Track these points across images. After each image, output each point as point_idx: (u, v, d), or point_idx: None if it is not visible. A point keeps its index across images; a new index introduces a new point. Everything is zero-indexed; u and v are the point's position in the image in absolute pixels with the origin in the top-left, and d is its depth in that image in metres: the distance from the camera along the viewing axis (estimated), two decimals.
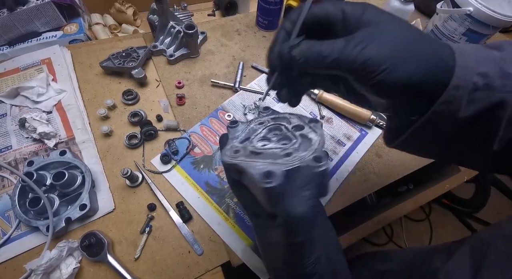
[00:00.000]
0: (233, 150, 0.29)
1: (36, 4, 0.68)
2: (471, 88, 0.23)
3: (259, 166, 0.26)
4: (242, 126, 0.34)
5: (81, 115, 0.56)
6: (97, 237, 0.44)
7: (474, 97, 0.23)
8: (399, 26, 0.24)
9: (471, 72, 0.23)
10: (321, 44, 0.24)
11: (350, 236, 0.57)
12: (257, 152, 0.28)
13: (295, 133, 0.30)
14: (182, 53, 0.65)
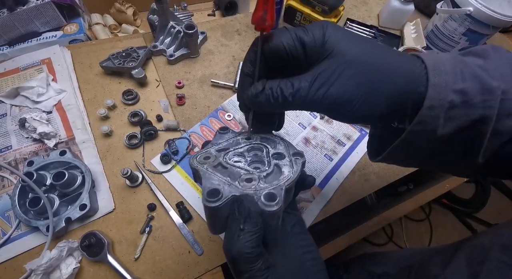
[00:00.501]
0: (204, 155, 0.29)
1: (36, 4, 0.68)
2: (447, 107, 0.22)
3: (213, 181, 0.25)
4: (230, 135, 0.33)
5: (81, 115, 0.56)
6: (97, 237, 0.44)
7: (451, 115, 0.22)
8: (364, 52, 0.23)
9: (446, 90, 0.22)
10: (285, 87, 0.24)
11: (350, 236, 0.57)
12: (224, 166, 0.28)
13: (271, 161, 0.29)
14: (182, 53, 0.65)
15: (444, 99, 0.22)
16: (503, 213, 1.35)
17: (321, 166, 0.56)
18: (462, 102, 0.22)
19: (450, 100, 0.22)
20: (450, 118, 0.22)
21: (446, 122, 0.22)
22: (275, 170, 0.28)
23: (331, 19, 0.69)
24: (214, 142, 0.32)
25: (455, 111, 0.22)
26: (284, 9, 0.74)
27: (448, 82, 0.22)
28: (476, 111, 0.22)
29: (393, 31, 0.81)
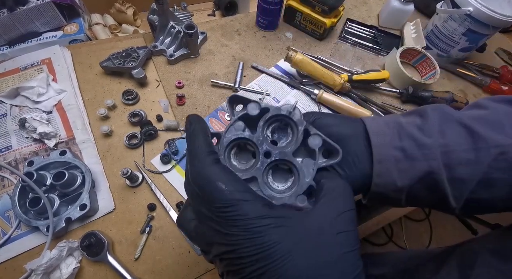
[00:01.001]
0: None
1: (36, 4, 0.68)
2: (393, 161, 0.26)
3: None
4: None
5: (81, 115, 0.56)
6: (97, 237, 0.44)
7: (401, 167, 0.26)
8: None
9: (387, 148, 0.26)
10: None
11: None
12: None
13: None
14: (182, 53, 0.65)
15: (388, 155, 0.26)
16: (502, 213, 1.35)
17: None
18: (404, 157, 0.26)
19: (394, 155, 0.26)
20: (402, 171, 0.26)
21: (400, 174, 0.26)
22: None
23: (331, 19, 0.70)
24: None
25: (403, 164, 0.26)
26: (284, 9, 0.74)
27: (387, 142, 0.27)
28: (421, 163, 0.25)
29: (393, 31, 0.81)
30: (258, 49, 0.71)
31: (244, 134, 0.25)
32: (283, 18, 0.77)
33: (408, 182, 0.26)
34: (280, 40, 0.74)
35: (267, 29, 0.75)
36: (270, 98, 0.64)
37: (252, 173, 0.24)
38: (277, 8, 0.68)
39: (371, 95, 0.68)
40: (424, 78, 0.71)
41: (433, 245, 1.25)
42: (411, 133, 0.27)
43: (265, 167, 0.24)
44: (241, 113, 0.25)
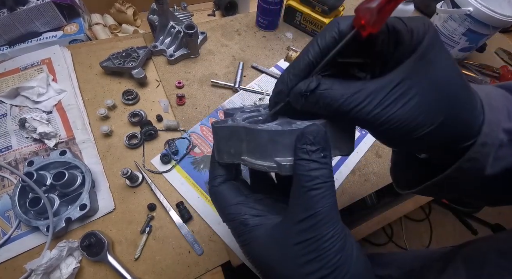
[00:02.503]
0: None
1: (36, 4, 0.68)
2: (497, 145, 0.21)
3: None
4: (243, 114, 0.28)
5: (81, 115, 0.56)
6: (97, 237, 0.44)
7: (500, 154, 0.21)
8: (448, 69, 0.20)
9: (498, 128, 0.21)
10: (345, 90, 0.19)
11: None
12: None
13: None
14: (182, 53, 0.65)
15: (496, 138, 0.21)
16: (503, 213, 1.35)
17: None
18: (509, 141, 0.21)
19: (500, 139, 0.21)
20: (499, 158, 0.21)
21: (494, 162, 0.21)
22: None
23: (331, 19, 0.69)
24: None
25: (503, 150, 0.21)
26: (284, 9, 0.74)
27: (500, 120, 0.21)
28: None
29: None
30: (258, 49, 0.71)
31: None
32: (283, 18, 0.77)
33: (497, 171, 0.22)
34: (280, 40, 0.74)
35: (267, 29, 0.75)
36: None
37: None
38: (277, 8, 0.68)
39: None
40: None
41: (433, 245, 1.25)
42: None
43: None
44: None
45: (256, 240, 0.22)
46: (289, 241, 0.20)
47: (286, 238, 0.20)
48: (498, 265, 0.27)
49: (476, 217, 1.31)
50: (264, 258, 0.21)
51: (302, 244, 0.19)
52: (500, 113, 0.21)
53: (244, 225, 0.22)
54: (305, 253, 0.19)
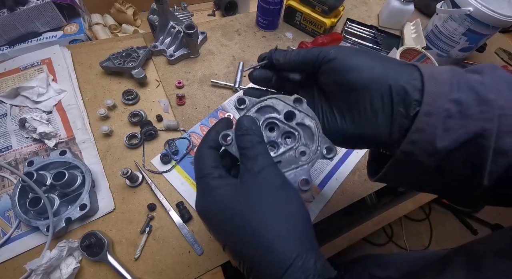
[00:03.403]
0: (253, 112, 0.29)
1: (36, 4, 0.68)
2: (444, 115, 0.22)
3: (289, 176, 0.27)
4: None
5: (81, 115, 0.56)
6: (97, 237, 0.44)
7: (449, 125, 0.22)
8: (365, 52, 0.26)
9: (442, 99, 0.22)
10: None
11: (350, 236, 0.57)
12: (277, 161, 0.28)
13: (293, 126, 0.29)
14: (182, 53, 0.65)
15: (440, 107, 0.22)
16: (503, 213, 1.35)
17: (321, 166, 0.56)
18: (458, 112, 0.22)
19: (446, 108, 0.22)
20: (448, 129, 0.22)
21: (444, 133, 0.22)
22: (303, 129, 0.29)
23: (331, 19, 0.70)
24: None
25: (453, 121, 0.22)
26: (284, 9, 0.74)
27: (444, 91, 0.22)
28: (474, 123, 0.21)
29: (393, 31, 0.81)
30: (258, 49, 0.71)
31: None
32: (283, 18, 0.77)
33: (449, 144, 0.22)
34: (280, 40, 0.74)
35: (267, 29, 0.75)
36: None
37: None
38: (277, 8, 0.68)
39: None
40: None
41: (433, 245, 1.25)
42: (473, 85, 0.22)
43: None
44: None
45: (219, 196, 0.25)
46: (249, 188, 0.25)
47: (247, 187, 0.25)
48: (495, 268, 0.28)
49: (476, 217, 1.31)
50: (226, 212, 0.24)
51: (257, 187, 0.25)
52: (444, 84, 0.23)
53: (211, 179, 0.25)
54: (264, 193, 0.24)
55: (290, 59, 0.29)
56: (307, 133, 0.29)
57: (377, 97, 0.25)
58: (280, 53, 0.30)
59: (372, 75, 0.25)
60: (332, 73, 0.27)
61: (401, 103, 0.24)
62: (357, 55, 0.26)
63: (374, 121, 0.25)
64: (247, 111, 0.30)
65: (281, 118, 0.29)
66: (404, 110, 0.24)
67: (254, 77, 0.32)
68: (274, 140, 0.29)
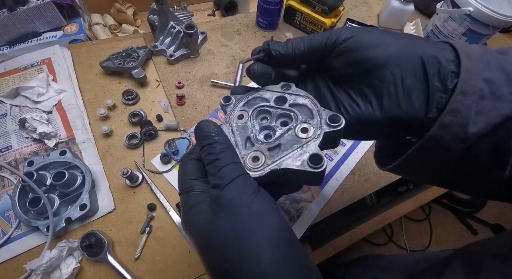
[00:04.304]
0: (250, 158, 0.24)
1: (36, 4, 0.68)
2: (478, 95, 0.20)
3: (296, 157, 0.23)
4: (225, 130, 0.27)
5: (81, 115, 0.56)
6: (97, 237, 0.44)
7: (481, 107, 0.20)
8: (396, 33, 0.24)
9: (476, 77, 0.20)
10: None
11: (350, 236, 0.57)
12: (275, 146, 0.25)
13: (286, 108, 0.26)
14: (182, 53, 0.65)
15: (475, 86, 0.20)
16: (503, 213, 1.35)
17: None
18: (490, 93, 0.20)
19: (480, 88, 0.20)
20: (481, 112, 0.20)
21: (477, 116, 0.20)
22: (298, 108, 0.26)
23: (331, 19, 0.70)
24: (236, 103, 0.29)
25: (485, 103, 0.20)
26: (284, 9, 0.74)
27: (478, 69, 0.20)
28: (505, 105, 0.20)
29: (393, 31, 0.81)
30: None
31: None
32: (283, 18, 0.77)
33: (481, 128, 0.20)
34: (280, 40, 0.74)
35: (267, 29, 0.75)
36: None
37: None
38: (277, 8, 0.68)
39: None
40: None
41: (433, 245, 1.25)
42: (503, 64, 0.21)
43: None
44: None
45: (197, 213, 0.22)
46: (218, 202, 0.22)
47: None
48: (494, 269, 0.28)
49: (476, 217, 1.31)
50: (205, 229, 0.22)
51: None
52: (478, 62, 0.21)
53: (191, 195, 0.24)
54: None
55: (294, 48, 0.26)
56: (303, 111, 0.26)
57: (408, 72, 0.22)
58: (279, 44, 0.26)
59: (398, 48, 0.22)
60: (349, 53, 0.24)
61: (436, 76, 0.21)
62: (374, 31, 0.24)
63: (408, 99, 0.22)
64: (234, 107, 0.28)
65: (271, 104, 0.27)
66: (440, 84, 0.21)
67: (255, 73, 0.27)
68: (268, 125, 0.26)
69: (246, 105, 0.28)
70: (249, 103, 0.28)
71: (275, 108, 0.27)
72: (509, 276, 0.26)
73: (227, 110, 0.28)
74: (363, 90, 0.24)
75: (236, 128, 0.27)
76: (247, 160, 0.24)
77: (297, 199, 0.52)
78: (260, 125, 0.26)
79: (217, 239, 0.21)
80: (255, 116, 0.27)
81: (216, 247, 0.21)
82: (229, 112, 0.28)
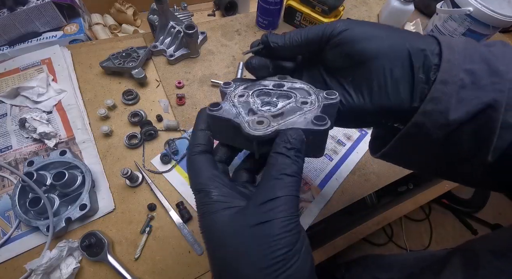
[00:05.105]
0: (255, 122, 0.24)
1: (36, 4, 0.68)
2: (458, 85, 0.21)
3: (300, 119, 0.24)
4: (226, 106, 0.29)
5: (81, 115, 0.56)
6: (97, 237, 0.44)
7: (462, 96, 0.21)
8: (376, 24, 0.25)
9: (457, 68, 0.22)
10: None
11: (350, 236, 0.57)
12: (278, 113, 0.25)
13: (285, 89, 0.28)
14: (182, 53, 0.65)
15: (456, 76, 0.21)
16: (503, 213, 1.35)
17: (321, 166, 0.56)
18: (471, 83, 0.21)
19: (460, 78, 0.21)
20: (462, 100, 0.21)
21: (457, 104, 0.21)
22: (297, 91, 0.27)
23: (331, 19, 0.70)
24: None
25: (466, 92, 0.21)
26: (284, 9, 0.74)
27: (459, 61, 0.22)
28: (486, 94, 0.21)
29: None
30: None
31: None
32: (283, 18, 0.77)
33: (461, 116, 0.22)
34: None
35: (267, 29, 0.75)
36: None
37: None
38: (277, 8, 0.68)
39: None
40: None
41: (433, 245, 1.25)
42: (486, 56, 0.22)
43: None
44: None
45: (217, 222, 0.22)
46: (247, 223, 0.20)
47: (245, 220, 0.21)
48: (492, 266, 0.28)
49: (476, 217, 1.31)
50: (221, 240, 0.21)
51: (257, 227, 0.20)
52: (460, 54, 0.22)
53: (209, 199, 0.23)
54: (258, 237, 0.20)
55: (291, 39, 0.27)
56: (301, 92, 0.27)
57: (396, 64, 0.23)
58: (276, 36, 0.28)
59: (389, 42, 0.24)
60: (343, 45, 0.25)
61: (420, 68, 0.23)
62: (368, 25, 0.25)
63: (395, 90, 0.24)
64: (235, 89, 0.29)
65: (271, 88, 0.28)
66: (424, 76, 0.23)
67: (253, 66, 0.29)
68: (269, 100, 0.27)
69: (246, 88, 0.29)
70: (249, 87, 0.29)
71: (274, 90, 0.28)
72: (507, 273, 0.26)
73: (227, 91, 0.29)
74: (355, 81, 0.26)
75: (237, 103, 0.27)
76: (251, 123, 0.24)
77: None
78: (262, 100, 0.27)
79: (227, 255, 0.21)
80: (256, 96, 0.28)
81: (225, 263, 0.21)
82: (230, 93, 0.29)
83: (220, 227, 0.22)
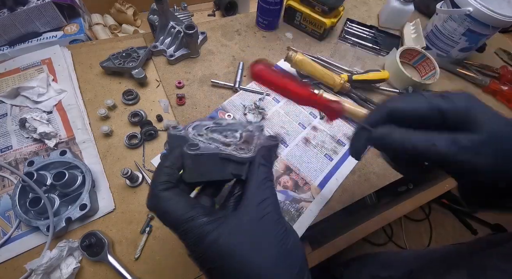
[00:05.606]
0: (238, 149, 0.29)
1: (36, 4, 0.68)
2: None
3: (258, 141, 0.30)
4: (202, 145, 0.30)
5: (81, 115, 0.56)
6: (97, 237, 0.44)
7: None
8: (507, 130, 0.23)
9: None
10: (443, 142, 0.23)
11: (350, 236, 0.57)
12: (244, 140, 0.30)
13: (224, 124, 0.32)
14: (182, 53, 0.65)
15: None
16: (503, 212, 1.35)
17: (321, 166, 0.56)
18: None
19: None
20: None
21: None
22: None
23: (331, 19, 0.70)
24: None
25: None
26: (284, 9, 0.74)
27: None
28: None
29: (393, 31, 0.81)
30: (258, 49, 0.71)
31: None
32: (283, 18, 0.77)
33: None
34: (280, 40, 0.74)
35: (267, 29, 0.75)
36: (270, 98, 0.64)
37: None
38: (277, 8, 0.68)
39: (371, 95, 0.68)
40: (424, 78, 0.71)
41: (433, 245, 1.25)
42: None
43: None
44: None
45: (220, 237, 0.25)
46: (252, 218, 0.24)
47: (249, 217, 0.25)
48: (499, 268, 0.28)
49: (476, 217, 1.31)
50: (236, 246, 0.24)
51: (262, 219, 0.25)
52: None
53: (201, 231, 0.26)
54: (267, 225, 0.25)
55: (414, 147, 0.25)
56: (237, 126, 0.32)
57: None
58: (396, 136, 0.27)
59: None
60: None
61: None
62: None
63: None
64: (186, 131, 0.30)
65: (214, 125, 0.32)
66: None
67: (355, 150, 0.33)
68: (225, 134, 0.31)
69: (194, 128, 0.31)
70: (197, 128, 0.31)
71: (219, 126, 0.32)
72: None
73: (185, 134, 0.30)
74: None
75: (206, 140, 0.30)
76: (236, 151, 0.28)
77: (297, 199, 0.52)
78: (221, 135, 0.31)
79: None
80: (211, 133, 0.31)
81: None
82: (188, 134, 0.30)
83: (233, 239, 0.24)
